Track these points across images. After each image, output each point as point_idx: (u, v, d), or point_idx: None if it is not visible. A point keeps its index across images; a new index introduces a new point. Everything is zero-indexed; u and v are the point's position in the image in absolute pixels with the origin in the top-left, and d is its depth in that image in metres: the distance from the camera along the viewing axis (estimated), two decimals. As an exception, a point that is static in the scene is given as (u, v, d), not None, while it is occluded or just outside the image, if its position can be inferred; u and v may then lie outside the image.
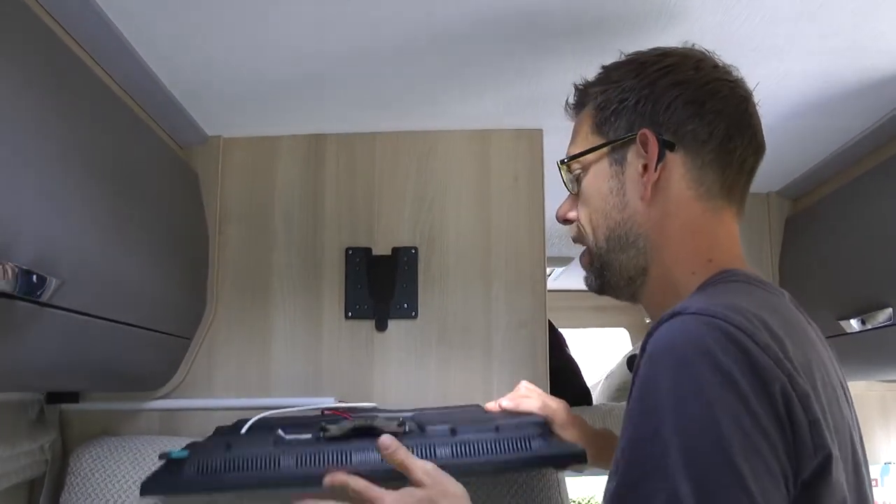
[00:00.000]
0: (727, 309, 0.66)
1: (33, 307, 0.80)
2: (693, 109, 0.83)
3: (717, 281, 0.79)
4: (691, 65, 0.85)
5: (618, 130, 0.86)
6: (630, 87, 0.85)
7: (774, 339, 0.65)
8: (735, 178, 0.85)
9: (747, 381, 0.62)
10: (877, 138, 1.41)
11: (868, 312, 1.33)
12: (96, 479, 1.25)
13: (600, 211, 0.88)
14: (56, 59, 0.89)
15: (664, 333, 0.67)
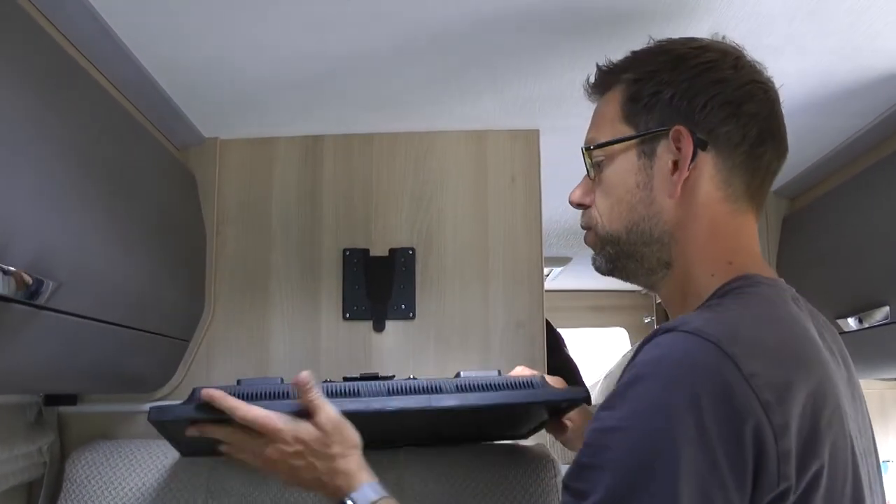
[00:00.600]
0: (724, 332, 0.67)
1: (31, 310, 0.80)
2: (729, 110, 0.81)
3: (734, 288, 0.78)
4: (730, 63, 0.82)
5: (649, 123, 0.84)
6: (667, 81, 0.83)
7: (769, 364, 0.66)
8: (761, 182, 0.84)
9: (716, 415, 0.63)
10: (873, 137, 1.41)
11: (866, 311, 1.33)
12: (92, 486, 1.25)
13: (624, 203, 0.86)
14: (53, 62, 0.89)
15: (656, 346, 0.69)
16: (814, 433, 0.66)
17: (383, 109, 1.37)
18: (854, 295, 1.39)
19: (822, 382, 0.70)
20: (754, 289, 0.77)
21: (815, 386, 0.68)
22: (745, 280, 0.79)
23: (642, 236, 0.85)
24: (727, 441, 0.63)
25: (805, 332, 0.74)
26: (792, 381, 0.66)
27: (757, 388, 0.64)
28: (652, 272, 0.87)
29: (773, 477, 0.64)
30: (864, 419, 0.82)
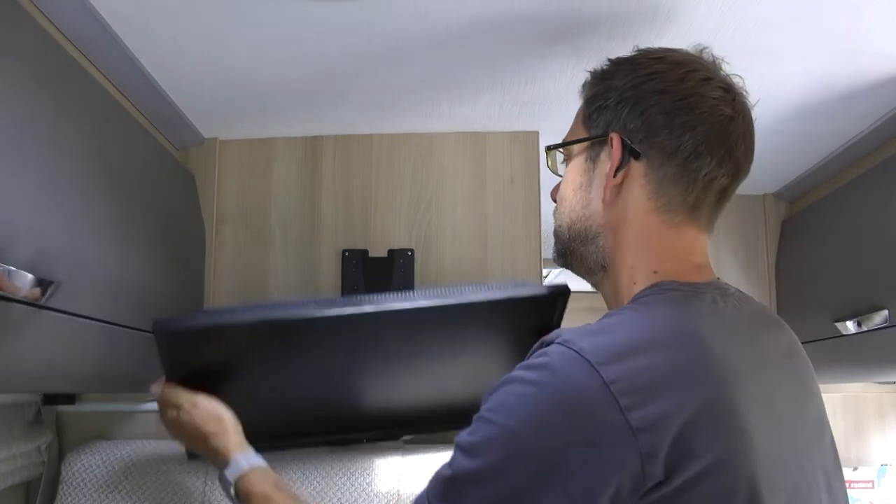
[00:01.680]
0: (592, 343, 0.70)
1: (30, 309, 0.80)
2: (665, 121, 0.81)
3: (642, 296, 0.80)
4: (678, 75, 0.83)
5: (597, 128, 0.87)
6: (616, 87, 0.85)
7: (631, 369, 0.68)
8: (700, 196, 0.83)
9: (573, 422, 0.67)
10: (873, 141, 1.41)
11: (864, 314, 1.33)
12: (89, 488, 1.25)
13: (568, 202, 0.90)
14: (53, 62, 0.89)
15: (535, 356, 0.73)
16: (686, 439, 0.66)
17: (382, 110, 1.37)
18: (853, 298, 1.39)
19: (701, 387, 0.69)
20: (658, 296, 0.78)
21: (691, 393, 0.68)
22: (655, 288, 0.80)
23: (579, 235, 0.89)
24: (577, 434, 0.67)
25: (687, 339, 0.72)
26: (658, 387, 0.67)
27: (617, 392, 0.66)
28: (592, 272, 0.90)
29: (637, 478, 0.65)
30: (804, 426, 0.80)
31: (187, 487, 1.26)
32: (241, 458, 1.00)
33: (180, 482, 1.27)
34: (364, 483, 1.28)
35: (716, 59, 0.86)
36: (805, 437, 0.79)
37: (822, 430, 0.83)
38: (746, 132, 0.84)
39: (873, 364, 1.44)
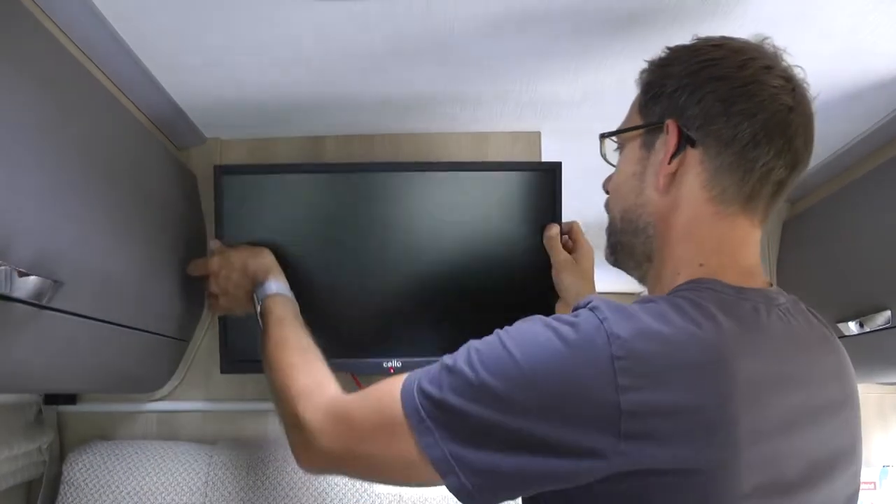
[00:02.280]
0: (616, 316, 0.72)
1: (32, 309, 0.79)
2: (722, 108, 0.80)
3: (682, 289, 0.78)
4: (738, 62, 0.81)
5: (653, 115, 0.86)
6: (673, 74, 0.84)
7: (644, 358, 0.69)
8: (756, 187, 0.81)
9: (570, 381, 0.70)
10: (875, 141, 1.41)
11: (866, 315, 1.33)
12: (90, 489, 1.25)
13: (621, 190, 0.89)
14: (54, 62, 0.89)
15: (572, 313, 0.76)
16: (668, 435, 0.68)
17: (384, 110, 1.37)
18: (855, 299, 1.39)
19: (702, 394, 0.69)
20: (696, 293, 0.76)
21: (690, 395, 0.69)
22: (695, 283, 0.79)
23: (630, 225, 0.88)
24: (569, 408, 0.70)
25: (707, 347, 0.71)
26: (661, 379, 0.69)
27: (619, 369, 0.68)
28: (639, 265, 0.90)
29: (610, 457, 0.68)
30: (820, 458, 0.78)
31: (188, 488, 1.26)
32: (272, 283, 1.15)
33: (181, 483, 1.27)
34: (364, 484, 1.28)
35: (777, 49, 0.84)
36: (814, 465, 0.77)
37: (840, 467, 0.80)
38: (807, 123, 0.82)
39: (876, 365, 1.44)
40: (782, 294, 0.84)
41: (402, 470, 0.80)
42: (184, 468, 1.28)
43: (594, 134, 0.96)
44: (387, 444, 0.79)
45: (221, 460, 1.30)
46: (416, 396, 0.77)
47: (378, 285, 1.30)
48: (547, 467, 0.71)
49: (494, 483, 0.73)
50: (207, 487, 1.26)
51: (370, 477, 0.90)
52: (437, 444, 0.74)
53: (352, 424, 0.85)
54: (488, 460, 0.73)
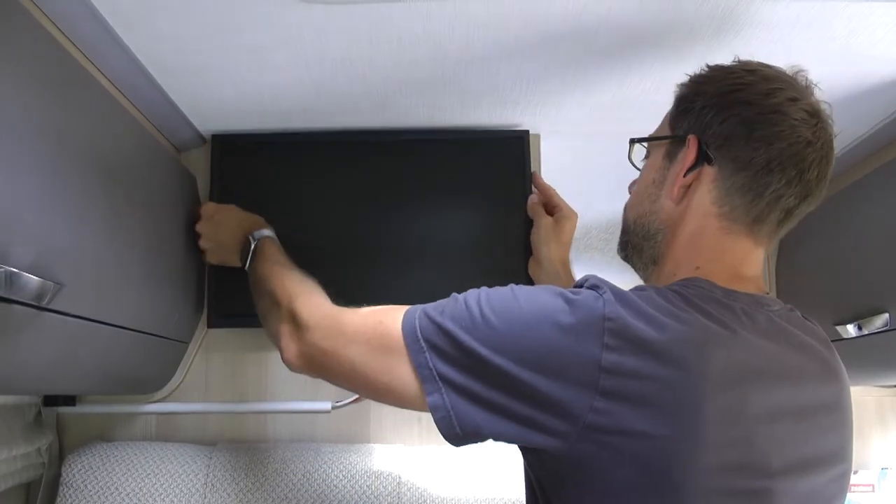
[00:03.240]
0: (613, 288, 0.77)
1: (32, 311, 0.80)
2: (744, 131, 0.84)
3: (673, 285, 0.81)
4: (766, 89, 0.85)
5: (679, 128, 0.90)
6: (705, 92, 0.88)
7: (632, 327, 0.73)
8: (764, 211, 0.85)
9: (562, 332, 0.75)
10: (872, 144, 1.41)
11: (865, 318, 1.33)
12: (89, 491, 1.25)
13: (639, 196, 0.95)
14: (53, 62, 0.89)
15: (572, 288, 0.81)
16: (643, 394, 0.71)
17: (383, 113, 1.37)
18: (853, 302, 1.39)
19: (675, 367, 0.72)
20: (685, 289, 0.80)
21: (662, 364, 0.72)
22: (687, 280, 0.82)
23: (643, 229, 0.93)
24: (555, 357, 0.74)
25: (689, 339, 0.74)
26: (644, 349, 0.72)
27: (608, 329, 0.73)
28: (645, 267, 0.95)
29: (583, 404, 0.72)
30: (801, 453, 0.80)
31: (187, 489, 1.26)
32: (266, 230, 1.21)
33: (180, 484, 1.27)
34: (365, 485, 1.28)
35: (809, 82, 0.88)
36: (798, 460, 0.78)
37: (827, 465, 0.82)
38: (823, 159, 0.86)
39: (874, 367, 1.44)
40: (777, 302, 0.86)
41: (384, 383, 0.83)
42: (183, 469, 1.28)
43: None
44: (376, 355, 0.84)
45: (221, 462, 1.30)
46: (416, 319, 0.82)
47: (359, 250, 1.36)
48: (524, 413, 0.75)
49: (474, 413, 0.77)
50: (207, 489, 1.26)
51: (351, 383, 0.91)
52: (427, 364, 0.79)
53: (345, 327, 0.89)
54: (473, 389, 0.77)
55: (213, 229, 1.27)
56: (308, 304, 0.96)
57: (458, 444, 0.79)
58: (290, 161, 1.39)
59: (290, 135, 1.40)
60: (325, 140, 1.40)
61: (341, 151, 1.39)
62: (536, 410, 0.74)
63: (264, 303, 1.07)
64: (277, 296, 1.02)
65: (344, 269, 1.34)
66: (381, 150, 1.39)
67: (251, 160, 1.39)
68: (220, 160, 1.39)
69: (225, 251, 1.26)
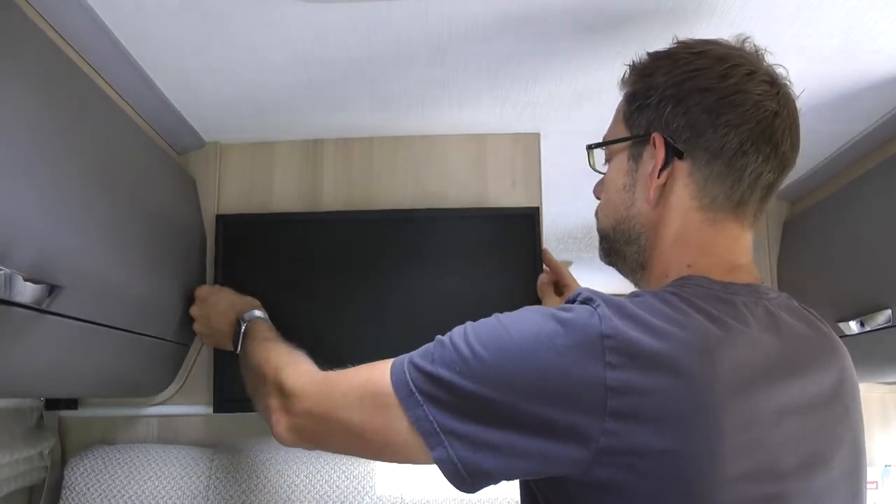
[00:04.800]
0: (609, 301, 0.74)
1: (32, 313, 0.80)
2: (708, 119, 0.81)
3: (669, 287, 0.80)
4: (720, 71, 0.82)
5: (639, 127, 0.86)
6: (657, 85, 0.84)
7: (633, 341, 0.70)
8: (746, 194, 0.83)
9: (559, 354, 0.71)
10: (875, 140, 1.41)
11: (867, 314, 1.33)
12: (91, 494, 1.25)
13: (612, 202, 0.90)
14: (53, 66, 0.89)
15: (563, 305, 0.78)
16: (652, 418, 0.69)
17: (383, 113, 1.37)
18: (855, 298, 1.39)
19: (685, 377, 0.70)
20: (683, 289, 0.78)
21: (671, 375, 0.70)
22: (683, 280, 0.81)
23: (623, 235, 0.89)
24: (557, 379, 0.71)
25: (695, 343, 0.72)
26: (649, 363, 0.69)
27: (608, 347, 0.70)
28: (633, 272, 0.91)
29: (594, 429, 0.69)
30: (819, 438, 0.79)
31: (189, 492, 1.26)
32: (257, 311, 1.21)
33: (182, 487, 1.26)
34: (367, 486, 1.28)
35: (758, 49, 0.85)
36: (809, 455, 0.77)
37: (839, 457, 0.80)
38: (792, 125, 0.83)
39: (877, 364, 1.44)
40: (773, 290, 0.85)
41: (383, 442, 0.80)
42: (185, 472, 1.28)
43: (594, 135, 0.97)
44: (371, 415, 0.80)
45: (223, 464, 1.30)
46: (405, 371, 0.79)
47: (367, 328, 1.37)
48: (534, 447, 0.72)
49: (482, 459, 0.74)
50: (209, 491, 1.26)
51: (348, 448, 0.89)
52: (427, 417, 0.75)
53: (334, 391, 0.86)
54: (478, 434, 0.73)
55: (205, 313, 1.27)
56: (294, 373, 0.93)
57: (472, 492, 0.76)
58: (300, 237, 1.41)
59: (302, 214, 1.45)
60: (334, 218, 1.43)
61: (352, 226, 1.41)
62: (547, 442, 0.71)
63: (251, 380, 1.05)
64: (263, 370, 1.00)
65: (348, 337, 1.36)
66: (393, 226, 1.41)
67: (257, 236, 1.40)
68: (225, 237, 1.40)
69: (218, 335, 1.25)
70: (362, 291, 1.38)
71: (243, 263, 1.39)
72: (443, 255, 1.40)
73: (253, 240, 1.40)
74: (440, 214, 1.43)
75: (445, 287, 1.40)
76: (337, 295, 1.38)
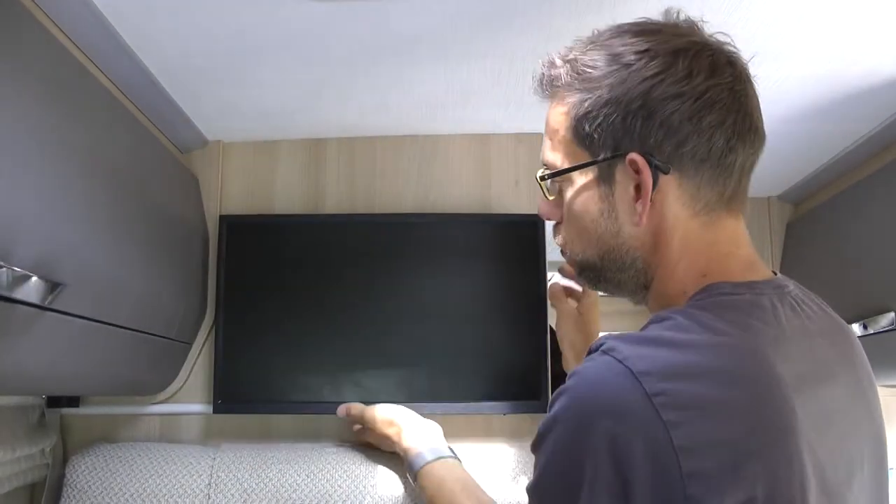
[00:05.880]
0: (639, 353, 0.66)
1: (34, 311, 0.80)
2: (690, 126, 0.74)
3: (696, 300, 0.75)
4: (683, 69, 0.74)
5: (604, 147, 0.77)
6: (616, 98, 0.75)
7: (679, 383, 0.64)
8: (735, 187, 0.78)
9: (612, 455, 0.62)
10: (879, 142, 1.40)
11: (870, 317, 1.32)
12: (93, 492, 1.25)
13: (591, 233, 0.81)
14: (57, 63, 0.89)
15: (585, 376, 0.68)
16: (737, 454, 0.62)
17: (386, 112, 1.37)
18: (859, 300, 1.38)
19: (754, 400, 0.65)
20: (713, 300, 0.73)
21: (742, 403, 0.64)
22: (708, 292, 0.75)
23: (615, 264, 0.81)
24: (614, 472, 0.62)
25: (749, 362, 0.68)
26: (709, 408, 0.63)
27: (660, 405, 0.62)
28: (634, 293, 0.84)
29: (678, 499, 0.61)
30: (857, 441, 0.76)
31: (191, 490, 1.26)
32: (415, 456, 1.19)
33: (184, 485, 1.26)
34: (368, 486, 1.27)
35: (694, 22, 0.78)
36: (849, 462, 0.74)
37: (868, 454, 0.78)
38: (754, 93, 0.78)
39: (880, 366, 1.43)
40: (789, 281, 0.81)
41: None
42: (187, 470, 1.28)
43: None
44: None
45: (224, 462, 1.30)
46: None
47: (368, 331, 1.39)
48: None
49: None
50: (211, 489, 1.26)
51: None
52: None
53: None
54: None
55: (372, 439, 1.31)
56: None
57: None
58: (304, 239, 1.42)
59: (305, 216, 1.46)
60: (337, 221, 1.44)
61: (355, 229, 1.42)
62: None
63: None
64: None
65: (350, 340, 1.38)
66: (396, 229, 1.42)
67: (260, 237, 1.42)
68: (229, 237, 1.40)
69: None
70: (365, 294, 1.39)
71: (246, 264, 1.39)
72: (446, 259, 1.41)
73: (256, 241, 1.40)
74: (443, 219, 1.43)
75: (448, 291, 1.40)
76: (339, 297, 1.38)
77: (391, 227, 1.42)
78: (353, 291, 1.39)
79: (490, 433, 1.40)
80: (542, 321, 1.40)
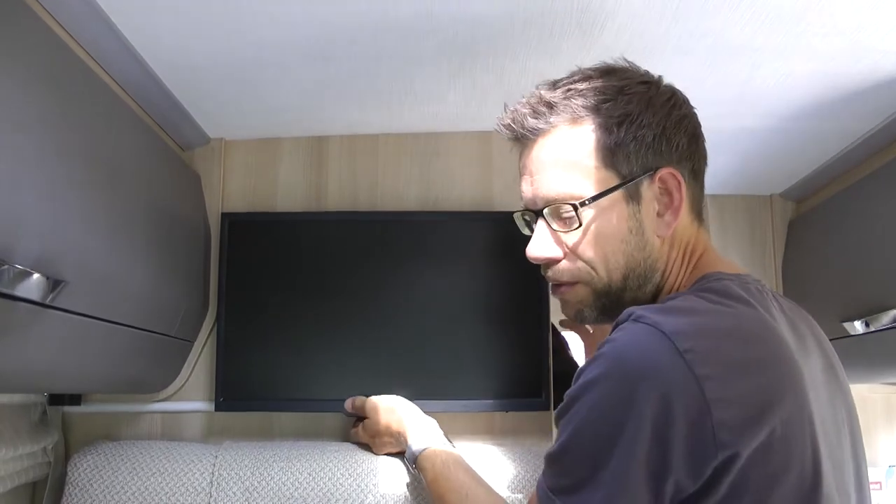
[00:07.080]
0: (667, 319, 0.72)
1: (36, 308, 0.80)
2: (694, 143, 0.87)
3: (700, 285, 0.81)
4: (681, 96, 0.89)
5: (633, 168, 0.83)
6: (646, 123, 0.83)
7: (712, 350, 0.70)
8: (702, 192, 0.91)
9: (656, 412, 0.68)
10: (880, 140, 1.40)
11: (872, 314, 1.33)
12: (94, 490, 1.25)
13: (620, 252, 0.84)
14: (58, 61, 0.89)
15: (619, 340, 0.73)
16: (760, 404, 0.69)
17: (389, 110, 1.37)
18: (861, 298, 1.38)
19: (771, 357, 0.73)
20: (715, 284, 0.80)
21: (762, 359, 0.72)
22: (706, 280, 0.83)
23: (638, 280, 0.86)
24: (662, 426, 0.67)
25: (755, 316, 0.76)
26: (731, 356, 0.70)
27: (691, 361, 0.67)
28: (638, 302, 0.87)
29: (709, 449, 0.67)
30: (837, 408, 0.83)
31: (193, 488, 1.26)
32: (412, 442, 1.20)
33: (186, 483, 1.26)
34: (370, 484, 1.27)
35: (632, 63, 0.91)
36: (836, 422, 0.81)
37: (847, 423, 0.84)
38: None
39: (881, 364, 1.44)
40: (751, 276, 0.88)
41: None
42: (189, 468, 1.28)
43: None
44: None
45: (227, 460, 1.30)
46: None
47: (370, 329, 1.39)
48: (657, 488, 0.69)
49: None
50: (213, 487, 1.26)
51: None
52: None
53: None
54: None
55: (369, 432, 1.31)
56: None
57: None
58: (306, 237, 1.42)
59: (307, 214, 1.46)
60: (339, 219, 1.44)
61: (357, 227, 1.42)
62: (670, 477, 0.68)
63: None
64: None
65: (352, 338, 1.39)
66: (398, 227, 1.43)
67: (262, 235, 1.42)
68: (231, 235, 1.41)
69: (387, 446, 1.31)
70: (366, 291, 1.39)
71: (248, 262, 1.39)
72: (448, 256, 1.41)
73: (258, 239, 1.40)
74: (445, 217, 1.43)
75: (450, 288, 1.40)
76: (341, 295, 1.39)
77: (393, 224, 1.42)
78: (355, 289, 1.39)
79: (492, 431, 1.40)
80: (544, 318, 1.40)
